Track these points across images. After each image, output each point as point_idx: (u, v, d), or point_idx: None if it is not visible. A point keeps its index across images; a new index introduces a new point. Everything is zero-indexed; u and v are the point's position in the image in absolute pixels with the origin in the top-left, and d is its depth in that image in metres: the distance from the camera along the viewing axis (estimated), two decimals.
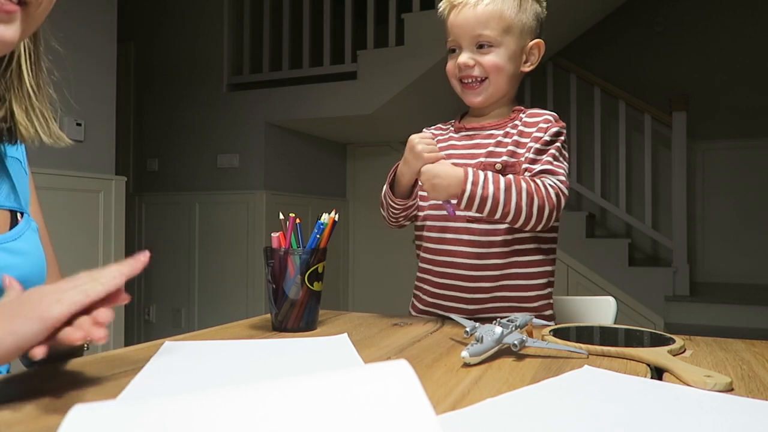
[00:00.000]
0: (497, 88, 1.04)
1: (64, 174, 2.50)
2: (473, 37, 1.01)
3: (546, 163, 0.99)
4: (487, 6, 1.00)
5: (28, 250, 0.73)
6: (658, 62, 4.46)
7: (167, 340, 0.70)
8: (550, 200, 0.93)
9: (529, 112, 1.07)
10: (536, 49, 1.06)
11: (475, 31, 1.01)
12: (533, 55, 1.06)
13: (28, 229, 0.75)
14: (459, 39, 1.03)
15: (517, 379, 0.59)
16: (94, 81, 2.68)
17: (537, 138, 1.01)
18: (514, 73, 1.05)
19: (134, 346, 0.74)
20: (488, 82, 1.03)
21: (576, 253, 3.87)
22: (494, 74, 1.02)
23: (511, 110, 1.09)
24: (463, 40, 1.03)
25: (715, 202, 4.36)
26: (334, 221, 0.93)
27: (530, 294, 1.03)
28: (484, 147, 1.05)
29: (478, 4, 1.00)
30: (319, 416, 0.35)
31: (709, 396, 0.53)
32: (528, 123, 1.04)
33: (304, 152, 4.06)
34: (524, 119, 1.05)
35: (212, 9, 3.81)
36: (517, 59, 1.04)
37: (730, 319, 3.48)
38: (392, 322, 0.95)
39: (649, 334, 0.81)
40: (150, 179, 3.97)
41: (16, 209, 0.75)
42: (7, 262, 0.69)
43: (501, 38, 1.01)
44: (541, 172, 0.98)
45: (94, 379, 0.58)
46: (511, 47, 1.02)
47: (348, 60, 3.56)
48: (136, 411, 0.38)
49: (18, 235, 0.72)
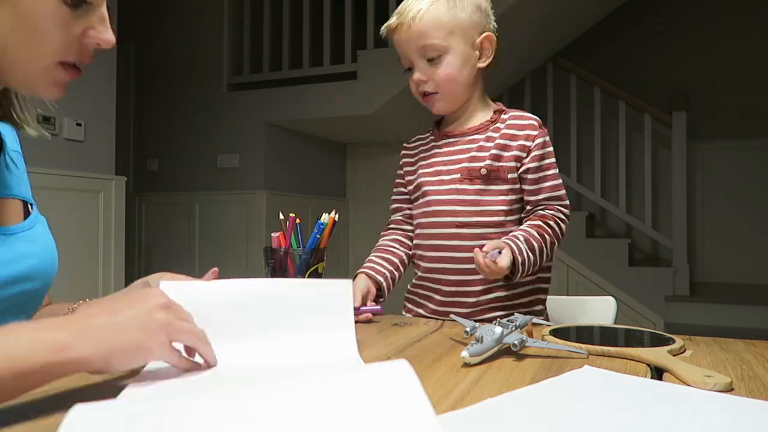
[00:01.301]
0: (455, 95, 1.05)
1: (64, 174, 2.50)
2: (419, 51, 1.01)
3: (552, 189, 1.03)
4: (422, 20, 0.99)
5: (43, 240, 0.75)
6: (658, 62, 4.46)
7: (163, 281, 0.68)
8: (563, 236, 1.03)
9: (511, 114, 1.06)
10: (487, 42, 1.04)
11: (418, 43, 1.01)
12: (486, 49, 1.05)
13: (39, 221, 0.76)
14: (407, 55, 1.04)
15: (517, 379, 0.59)
16: (94, 81, 2.68)
17: (524, 147, 1.02)
18: (470, 74, 1.04)
19: None
20: (443, 93, 1.04)
21: (576, 253, 3.87)
22: (447, 86, 1.03)
23: (492, 110, 1.08)
24: (411, 55, 1.03)
25: (715, 202, 4.36)
26: (334, 221, 0.93)
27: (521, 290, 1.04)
28: (467, 152, 1.05)
29: (412, 21, 1.00)
30: (320, 417, 0.35)
31: (709, 396, 0.53)
32: (512, 126, 1.04)
33: (304, 152, 4.06)
34: (507, 122, 1.05)
35: (212, 9, 3.81)
36: (469, 59, 1.03)
37: (730, 319, 3.48)
38: (392, 322, 0.95)
39: (649, 334, 0.81)
40: (150, 179, 3.97)
41: (27, 200, 0.76)
42: (25, 250, 0.70)
43: (446, 43, 1.00)
44: (548, 199, 1.03)
45: (94, 379, 0.58)
46: (459, 48, 1.01)
47: (348, 60, 3.56)
48: (136, 411, 0.38)
49: (32, 224, 0.74)
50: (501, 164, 1.02)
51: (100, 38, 0.62)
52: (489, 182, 1.02)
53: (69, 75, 0.63)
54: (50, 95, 0.64)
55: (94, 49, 0.64)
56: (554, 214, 1.02)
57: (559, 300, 1.22)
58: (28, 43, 0.59)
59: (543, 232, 0.99)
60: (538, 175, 1.02)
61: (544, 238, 0.98)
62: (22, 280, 0.69)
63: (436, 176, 1.07)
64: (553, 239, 1.00)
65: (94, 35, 0.62)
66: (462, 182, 1.03)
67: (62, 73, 0.62)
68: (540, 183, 1.03)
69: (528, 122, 1.04)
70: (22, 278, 0.69)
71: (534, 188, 1.03)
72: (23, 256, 0.70)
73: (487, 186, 1.02)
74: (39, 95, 0.65)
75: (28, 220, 0.74)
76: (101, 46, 0.63)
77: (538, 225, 0.99)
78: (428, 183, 1.07)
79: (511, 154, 1.02)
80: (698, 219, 4.38)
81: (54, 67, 0.61)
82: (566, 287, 3.85)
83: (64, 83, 0.64)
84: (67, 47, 0.60)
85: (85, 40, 0.62)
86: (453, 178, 1.04)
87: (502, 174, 1.02)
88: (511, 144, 1.02)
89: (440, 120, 1.14)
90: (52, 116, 2.46)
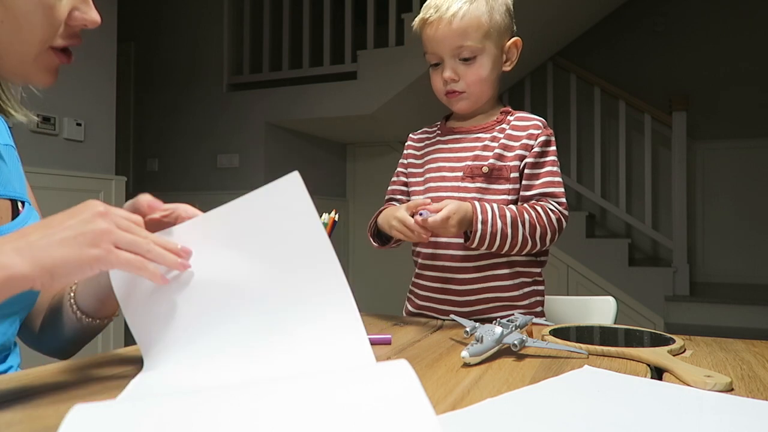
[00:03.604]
0: (480, 96, 1.05)
1: (64, 174, 2.50)
2: (454, 50, 1.01)
3: (545, 185, 1.00)
4: (463, 18, 0.98)
5: None
6: (658, 62, 4.46)
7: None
8: (551, 226, 0.96)
9: (517, 115, 1.06)
10: (514, 47, 1.06)
11: (455, 44, 1.00)
12: (512, 53, 1.06)
13: (31, 218, 0.73)
14: (440, 53, 1.02)
15: (517, 379, 0.59)
16: (94, 81, 2.68)
17: (527, 146, 1.01)
18: (497, 77, 1.05)
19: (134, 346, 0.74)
20: (470, 93, 1.03)
21: (576, 253, 3.87)
22: (476, 87, 1.03)
23: (498, 111, 1.08)
24: (444, 53, 1.02)
25: (715, 202, 4.36)
26: (334, 221, 0.93)
27: (518, 293, 1.03)
28: (471, 150, 1.05)
29: (453, 18, 0.98)
30: (320, 416, 0.35)
31: (709, 396, 0.53)
32: (517, 127, 1.04)
33: (304, 152, 4.06)
34: (512, 123, 1.05)
35: (212, 9, 3.81)
36: (498, 62, 1.04)
37: (730, 319, 3.48)
38: (392, 322, 0.95)
39: (649, 334, 0.81)
40: (150, 179, 3.97)
41: (16, 198, 0.73)
42: None
43: (482, 45, 1.00)
44: (542, 195, 1.00)
45: (94, 379, 0.58)
46: (492, 51, 1.02)
47: (348, 60, 3.56)
48: (136, 411, 0.38)
49: (20, 224, 0.70)
50: (504, 163, 1.02)
51: (86, 18, 0.62)
52: (491, 181, 1.02)
53: (60, 59, 0.63)
54: (43, 82, 0.64)
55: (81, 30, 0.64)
56: (544, 204, 0.98)
57: (559, 300, 1.22)
58: (17, 33, 0.59)
59: (524, 210, 0.96)
60: (534, 171, 1.01)
61: (522, 215, 0.94)
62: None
63: (438, 172, 1.07)
64: (535, 222, 0.95)
65: (79, 16, 0.62)
66: (464, 180, 1.03)
67: (54, 57, 0.62)
68: (533, 179, 1.01)
69: (532, 122, 1.04)
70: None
71: (527, 183, 1.01)
72: None
73: (488, 185, 1.02)
74: (32, 83, 0.65)
75: (16, 220, 0.70)
76: (87, 26, 0.63)
77: (520, 206, 0.97)
78: (432, 179, 1.07)
79: (514, 153, 1.02)
80: (698, 219, 4.38)
81: (45, 52, 0.61)
82: (566, 287, 3.85)
83: (56, 68, 0.64)
84: (56, 31, 0.61)
85: (71, 21, 0.62)
86: (455, 176, 1.04)
87: (504, 173, 1.01)
88: (514, 144, 1.02)
89: (450, 114, 1.14)
90: (52, 116, 2.46)
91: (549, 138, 1.03)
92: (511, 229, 0.94)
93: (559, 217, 0.98)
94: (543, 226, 0.96)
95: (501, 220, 0.93)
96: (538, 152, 1.01)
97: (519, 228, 0.94)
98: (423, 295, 1.08)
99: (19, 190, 0.74)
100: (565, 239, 3.80)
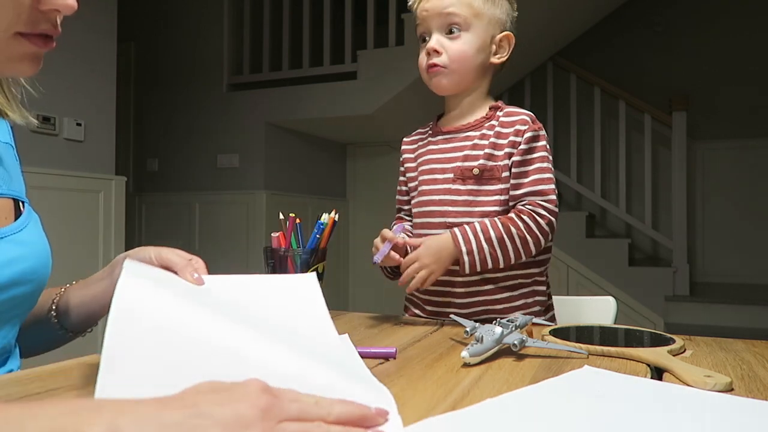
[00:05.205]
0: (462, 76, 1.04)
1: (64, 174, 2.50)
2: (442, 17, 1.01)
3: (534, 183, 0.99)
4: None
5: (34, 241, 0.70)
6: (658, 62, 4.46)
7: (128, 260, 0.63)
8: (543, 231, 0.97)
9: (506, 110, 1.05)
10: (506, 41, 1.05)
11: (444, 10, 1.01)
12: (503, 47, 1.05)
13: (31, 220, 0.72)
14: (428, 22, 1.03)
15: (517, 379, 0.59)
16: (94, 81, 2.68)
17: (514, 143, 1.00)
18: (482, 64, 1.04)
19: None
20: (450, 70, 1.03)
21: (576, 253, 3.87)
22: (457, 63, 1.02)
23: (488, 107, 1.07)
24: (432, 22, 1.02)
25: (715, 202, 4.36)
26: (334, 221, 0.93)
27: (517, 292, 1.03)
28: (461, 150, 1.04)
29: None
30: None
31: (709, 396, 0.53)
32: (504, 123, 1.03)
33: (304, 152, 4.06)
34: (501, 119, 1.03)
35: (212, 9, 3.81)
36: (485, 49, 1.03)
37: (730, 319, 3.48)
38: (392, 322, 0.95)
39: (649, 334, 0.81)
40: (150, 179, 3.97)
41: (17, 197, 0.72)
42: (15, 254, 0.66)
43: (470, 21, 1.01)
44: (529, 194, 0.98)
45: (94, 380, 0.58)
46: (480, 33, 1.02)
47: (348, 60, 3.56)
48: None
49: (23, 225, 0.69)
50: (495, 163, 1.01)
51: (56, 3, 0.58)
52: (482, 182, 1.01)
53: (36, 45, 0.59)
54: (22, 71, 0.61)
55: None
56: (531, 209, 0.97)
57: (559, 300, 1.22)
58: None
59: (509, 224, 0.95)
60: (521, 169, 1.00)
61: (509, 230, 0.95)
62: (13, 286, 0.65)
63: (430, 174, 1.07)
64: (524, 234, 0.95)
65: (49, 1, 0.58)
66: (455, 182, 1.02)
67: (26, 45, 0.59)
68: (521, 178, 1.00)
69: (519, 118, 1.02)
70: (12, 283, 0.65)
71: (515, 182, 1.00)
72: (13, 261, 0.65)
73: (479, 186, 1.01)
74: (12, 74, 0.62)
75: (19, 221, 0.69)
76: (60, 11, 0.59)
77: (507, 218, 0.97)
78: (424, 182, 1.07)
79: (503, 152, 1.01)
80: (698, 219, 4.38)
81: (11, 39, 0.58)
82: (566, 287, 3.85)
83: (35, 56, 0.60)
84: (18, 17, 0.57)
85: (42, 7, 0.58)
86: (446, 178, 1.04)
87: (496, 173, 1.00)
88: (503, 142, 1.01)
89: (441, 115, 1.14)
90: (52, 116, 2.46)
91: (536, 133, 1.01)
92: (500, 248, 0.95)
93: (549, 221, 0.97)
94: (534, 236, 0.96)
95: (487, 243, 0.94)
96: (525, 149, 1.00)
97: (507, 245, 0.95)
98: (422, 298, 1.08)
99: (16, 190, 0.73)
100: (565, 239, 3.81)
